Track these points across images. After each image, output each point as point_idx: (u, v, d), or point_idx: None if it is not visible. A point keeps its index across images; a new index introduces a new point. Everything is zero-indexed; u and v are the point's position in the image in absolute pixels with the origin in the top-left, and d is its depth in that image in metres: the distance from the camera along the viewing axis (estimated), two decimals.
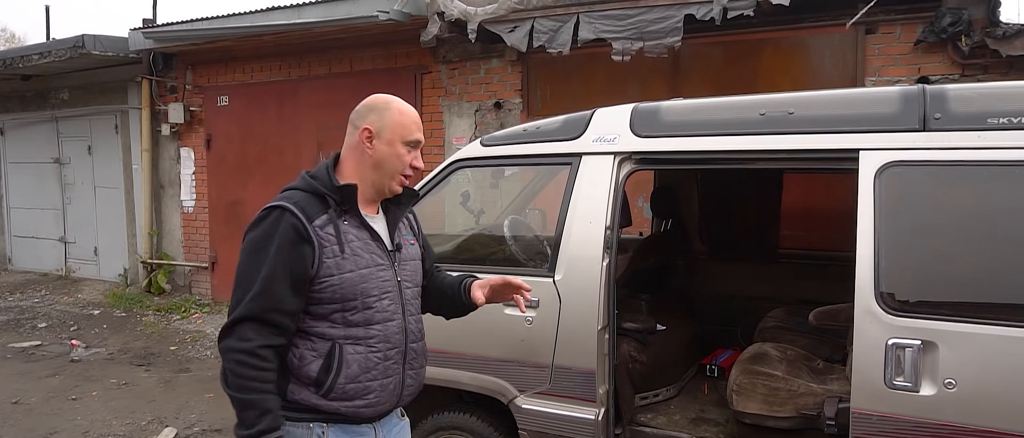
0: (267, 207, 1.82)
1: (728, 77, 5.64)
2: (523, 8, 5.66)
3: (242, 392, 1.73)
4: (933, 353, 2.20)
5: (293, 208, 1.78)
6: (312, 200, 1.83)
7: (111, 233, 9.43)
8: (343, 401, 1.83)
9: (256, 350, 1.73)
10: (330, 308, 1.83)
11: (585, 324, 2.77)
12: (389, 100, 1.95)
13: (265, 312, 1.74)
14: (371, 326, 1.86)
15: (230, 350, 1.75)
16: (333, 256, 1.80)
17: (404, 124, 1.92)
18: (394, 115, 1.92)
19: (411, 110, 1.97)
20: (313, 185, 1.86)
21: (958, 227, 2.30)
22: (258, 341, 1.74)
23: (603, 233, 2.79)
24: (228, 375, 1.75)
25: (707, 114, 2.82)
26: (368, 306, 1.85)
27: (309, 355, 1.83)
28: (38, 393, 5.45)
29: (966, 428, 2.16)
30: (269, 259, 1.75)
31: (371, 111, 1.93)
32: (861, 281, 2.30)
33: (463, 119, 6.67)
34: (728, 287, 4.28)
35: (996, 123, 2.25)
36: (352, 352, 1.84)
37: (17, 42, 27.29)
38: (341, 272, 1.81)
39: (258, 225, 1.80)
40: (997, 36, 4.65)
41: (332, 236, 1.81)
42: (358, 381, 1.84)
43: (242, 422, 1.74)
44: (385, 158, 1.91)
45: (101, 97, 9.25)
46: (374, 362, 1.86)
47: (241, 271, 1.79)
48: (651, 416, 3.19)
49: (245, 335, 1.74)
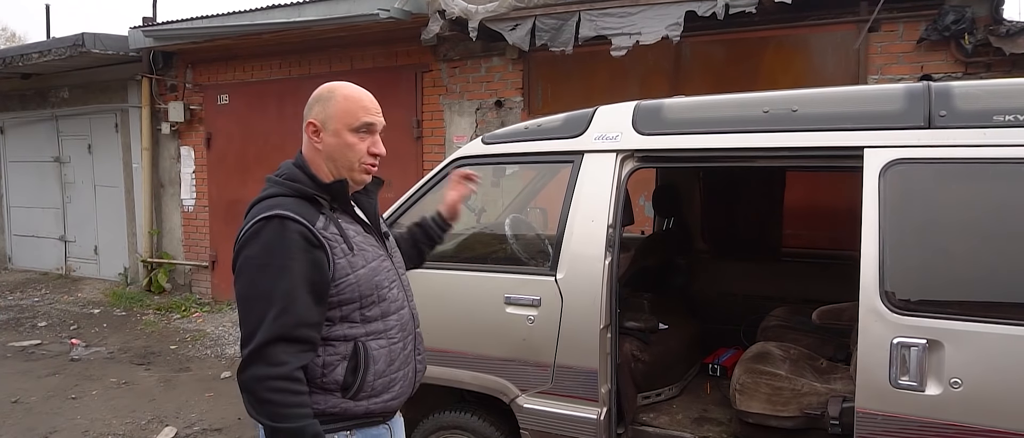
0: (263, 217, 1.68)
1: (730, 75, 5.62)
2: (524, 6, 5.64)
3: (287, 421, 1.60)
4: (939, 352, 2.18)
5: (294, 215, 1.67)
6: (303, 204, 1.73)
7: (111, 232, 9.42)
8: (373, 398, 1.78)
9: (293, 374, 1.62)
10: (349, 308, 1.76)
11: (587, 323, 2.75)
12: (334, 87, 1.83)
13: (293, 329, 1.62)
14: (388, 317, 1.83)
15: (261, 379, 1.59)
16: (344, 255, 1.74)
17: (348, 110, 1.79)
18: (338, 102, 1.80)
19: (359, 94, 1.83)
20: (296, 188, 1.75)
21: (964, 225, 2.29)
22: (293, 363, 1.62)
23: (605, 232, 2.77)
24: (263, 405, 1.60)
25: (710, 111, 2.81)
26: (383, 298, 1.82)
27: (333, 360, 1.74)
28: (38, 392, 5.44)
29: (972, 428, 2.14)
30: (284, 273, 1.62)
31: (317, 102, 1.83)
32: (866, 280, 2.29)
33: (464, 117, 6.65)
34: (731, 286, 4.26)
35: (1002, 120, 2.23)
36: (376, 347, 1.79)
37: (17, 41, 27.28)
38: (355, 270, 1.76)
39: (256, 237, 1.66)
40: (1000, 34, 4.63)
41: (337, 235, 1.75)
42: (385, 375, 1.80)
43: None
44: (336, 150, 1.79)
45: (101, 96, 9.24)
46: (396, 352, 1.84)
47: (251, 291, 1.65)
48: (653, 415, 3.18)
49: (278, 359, 1.60)
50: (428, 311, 2.27)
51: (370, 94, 1.87)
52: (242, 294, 1.67)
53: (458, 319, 2.97)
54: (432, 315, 2.31)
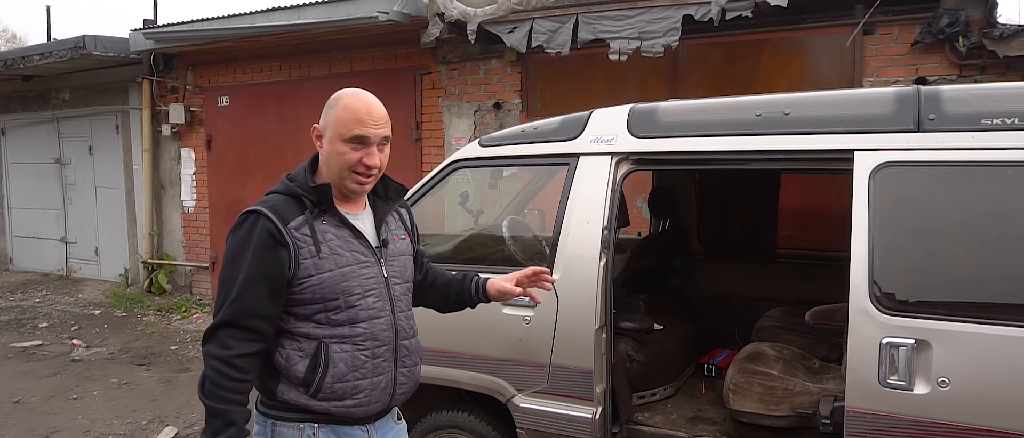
0: (244, 212, 1.82)
1: (726, 78, 5.66)
2: (522, 9, 5.68)
3: (213, 400, 1.73)
4: (927, 352, 2.22)
5: (268, 212, 1.78)
6: (289, 202, 1.83)
7: (112, 233, 9.45)
8: (332, 401, 1.82)
9: (232, 360, 1.74)
10: (313, 308, 1.82)
11: (583, 324, 2.78)
12: (341, 95, 1.87)
13: (242, 317, 1.74)
14: (356, 324, 1.84)
15: (209, 356, 1.76)
16: (310, 256, 1.79)
17: (343, 120, 1.82)
18: (337, 112, 1.83)
19: (359, 104, 1.84)
20: (291, 187, 1.86)
21: (952, 227, 2.32)
22: (236, 349, 1.74)
23: (600, 233, 2.80)
24: (205, 380, 1.76)
25: (704, 115, 2.84)
26: (351, 304, 1.84)
27: (296, 355, 1.82)
28: (39, 392, 5.47)
29: (960, 426, 2.17)
30: (245, 264, 1.75)
31: (326, 108, 1.88)
32: (856, 281, 2.32)
33: (462, 119, 6.69)
34: (725, 287, 4.30)
35: (990, 124, 2.26)
36: (338, 351, 1.82)
37: (18, 42, 27.35)
38: (319, 272, 1.80)
39: (236, 230, 1.81)
40: (995, 37, 4.66)
41: (308, 237, 1.80)
42: (346, 380, 1.82)
43: (209, 428, 1.74)
44: (330, 156, 1.85)
45: (102, 97, 9.27)
46: (362, 361, 1.84)
47: (222, 276, 1.80)
48: (648, 415, 3.21)
49: (225, 342, 1.74)
50: (426, 311, 2.29)
51: (377, 105, 1.87)
52: (218, 278, 1.83)
53: (455, 319, 2.99)
54: (430, 315, 2.34)
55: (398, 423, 2.06)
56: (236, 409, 1.74)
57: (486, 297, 2.25)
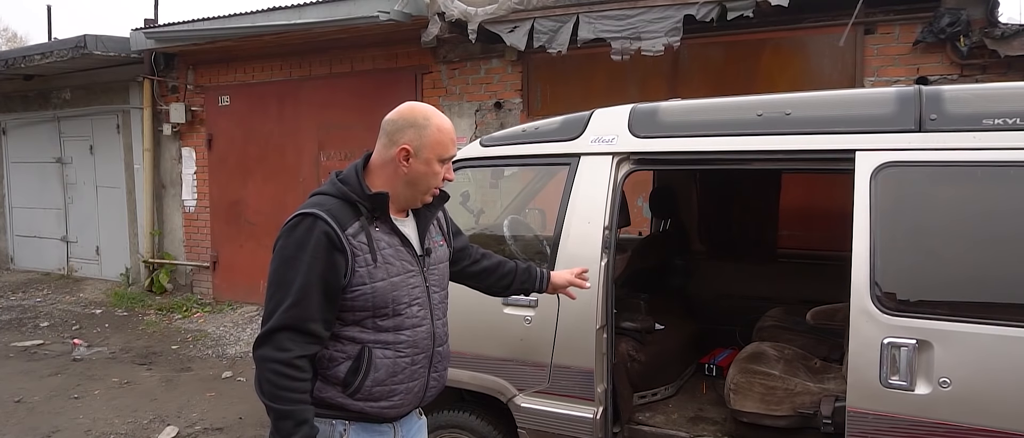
0: (299, 213, 1.81)
1: (727, 77, 5.66)
2: (523, 8, 5.67)
3: (279, 403, 1.73)
4: (928, 352, 2.22)
5: (326, 216, 1.77)
6: (344, 207, 1.83)
7: (113, 232, 9.45)
8: (369, 402, 1.86)
9: (293, 361, 1.74)
10: (362, 315, 1.84)
11: (583, 323, 2.79)
12: (429, 114, 1.90)
13: (301, 322, 1.75)
14: (401, 332, 1.88)
15: (267, 359, 1.74)
16: (365, 265, 1.81)
17: (442, 142, 1.88)
18: (433, 133, 1.87)
19: (448, 125, 1.93)
20: (344, 191, 1.85)
21: (953, 227, 2.32)
22: (295, 352, 1.75)
23: (602, 233, 2.80)
24: (264, 384, 1.75)
25: (705, 115, 2.84)
26: (398, 312, 1.87)
27: (339, 357, 1.85)
28: (40, 392, 5.48)
29: (961, 427, 2.17)
30: (303, 268, 1.74)
31: (410, 126, 1.88)
32: (857, 281, 2.32)
33: (463, 119, 6.69)
34: (726, 287, 4.29)
35: (991, 124, 2.26)
36: (381, 356, 1.86)
37: (19, 41, 27.36)
38: (373, 281, 1.82)
39: (291, 232, 1.79)
40: (996, 36, 4.66)
41: (364, 245, 1.81)
42: (385, 384, 1.86)
43: (278, 431, 1.74)
44: (421, 177, 1.89)
45: (103, 97, 9.28)
46: (402, 366, 1.89)
47: (275, 278, 1.78)
48: (649, 415, 3.21)
49: (282, 345, 1.74)
50: None
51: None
52: (269, 279, 1.81)
53: (457, 319, 2.99)
54: None
55: (420, 419, 2.11)
56: (305, 408, 1.76)
57: (550, 289, 2.47)
